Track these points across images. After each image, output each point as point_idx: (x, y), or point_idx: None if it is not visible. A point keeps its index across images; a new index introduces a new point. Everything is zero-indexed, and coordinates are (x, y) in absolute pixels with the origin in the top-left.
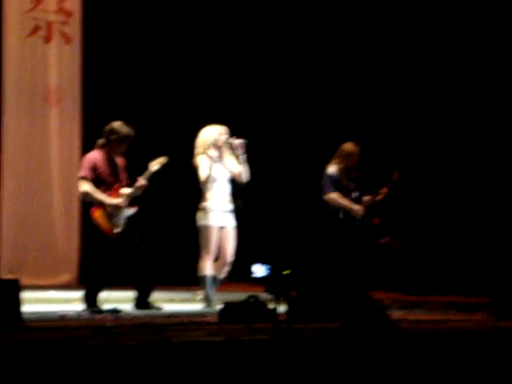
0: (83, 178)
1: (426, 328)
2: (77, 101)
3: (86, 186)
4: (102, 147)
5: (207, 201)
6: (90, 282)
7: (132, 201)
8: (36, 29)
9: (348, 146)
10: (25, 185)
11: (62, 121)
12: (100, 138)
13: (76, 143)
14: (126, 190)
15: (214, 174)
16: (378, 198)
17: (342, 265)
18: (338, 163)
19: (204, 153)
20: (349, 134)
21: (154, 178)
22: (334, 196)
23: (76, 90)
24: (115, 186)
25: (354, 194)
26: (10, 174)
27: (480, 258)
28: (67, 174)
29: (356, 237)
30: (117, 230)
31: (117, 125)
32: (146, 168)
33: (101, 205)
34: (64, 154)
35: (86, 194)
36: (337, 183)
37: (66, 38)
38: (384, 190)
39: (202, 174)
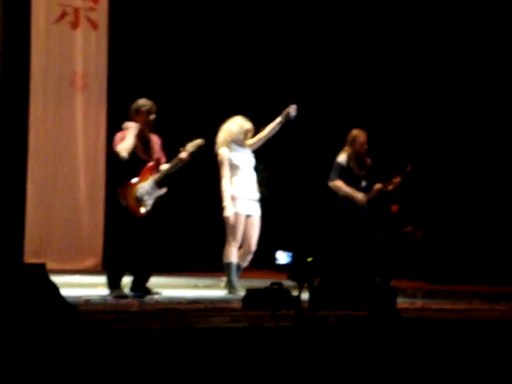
0: (116, 153)
1: (450, 317)
2: (103, 87)
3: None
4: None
5: (235, 189)
6: (113, 264)
7: (162, 182)
8: (63, 15)
9: (354, 131)
10: (51, 170)
11: (89, 107)
12: (126, 121)
13: (102, 129)
14: (165, 166)
15: (237, 163)
16: (390, 187)
17: (364, 253)
18: (348, 150)
19: (226, 145)
20: (367, 124)
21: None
22: (337, 183)
23: (102, 76)
24: (149, 164)
25: (364, 183)
26: (36, 159)
27: (504, 248)
28: (93, 159)
29: (377, 225)
30: (143, 211)
31: (140, 100)
32: (176, 152)
33: (129, 184)
34: (90, 139)
35: (117, 171)
36: (346, 170)
37: (93, 24)
38: (396, 180)
39: (223, 177)
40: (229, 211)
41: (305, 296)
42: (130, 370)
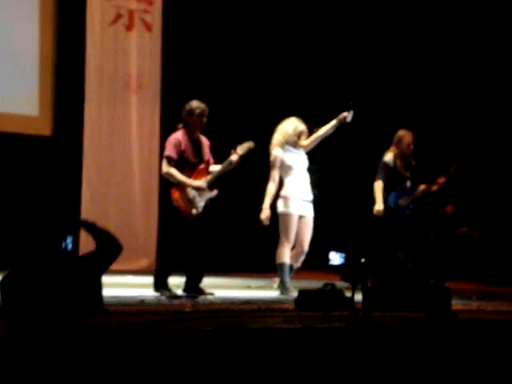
0: (168, 157)
1: (506, 319)
2: (157, 88)
3: (169, 167)
4: (183, 127)
5: (289, 189)
6: (161, 263)
7: (213, 185)
8: (118, 17)
9: (400, 132)
10: (105, 171)
11: (143, 108)
12: (179, 123)
13: (156, 131)
14: (215, 167)
15: (291, 163)
16: (434, 187)
17: (417, 254)
18: (394, 150)
19: (280, 146)
20: (411, 124)
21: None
22: (376, 185)
23: (156, 78)
24: (200, 166)
25: (408, 183)
26: (91, 160)
27: None
28: (147, 161)
29: (430, 226)
30: (195, 212)
31: (193, 102)
32: (227, 155)
33: (182, 186)
34: (144, 141)
35: (168, 174)
36: (393, 171)
37: (147, 26)
38: (441, 180)
39: (271, 178)
40: (264, 214)
41: (358, 297)
42: (183, 370)
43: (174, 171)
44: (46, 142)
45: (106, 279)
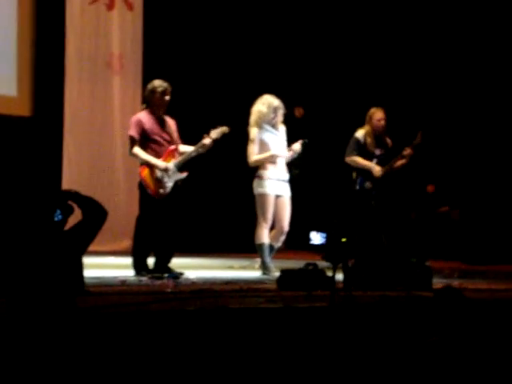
0: (130, 137)
1: (486, 297)
2: (139, 68)
3: (133, 147)
4: (147, 107)
5: (264, 169)
6: (136, 244)
7: (184, 166)
8: None
9: (371, 109)
10: (87, 152)
11: (125, 87)
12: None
13: (137, 111)
14: (187, 148)
15: (267, 143)
16: (400, 162)
17: (393, 232)
18: (366, 128)
19: (258, 126)
20: (391, 104)
21: (214, 145)
22: (353, 158)
23: (138, 57)
24: (170, 147)
25: (375, 161)
26: (72, 140)
27: None
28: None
29: (413, 205)
30: (162, 192)
31: (155, 81)
32: (202, 134)
33: (148, 165)
34: (126, 120)
35: (133, 154)
36: (362, 146)
37: (129, 5)
38: (407, 152)
39: (250, 153)
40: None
41: (340, 276)
42: (166, 350)
43: (138, 150)
44: (25, 123)
45: (87, 260)
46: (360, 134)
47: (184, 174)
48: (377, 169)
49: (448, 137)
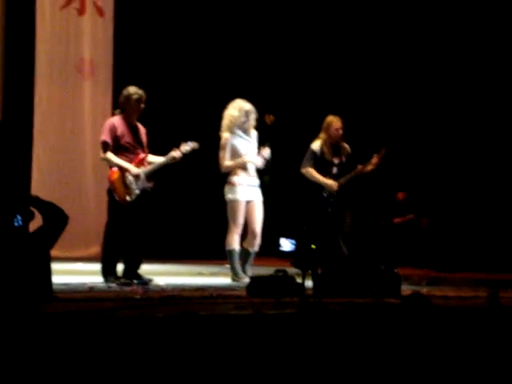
0: (103, 142)
1: (454, 304)
2: (109, 73)
3: (105, 152)
4: (121, 113)
5: (235, 175)
6: (104, 249)
7: (151, 176)
8: (69, 1)
9: (328, 118)
10: (57, 157)
11: (95, 93)
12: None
13: (108, 116)
14: (156, 158)
15: (238, 148)
16: (368, 168)
17: (354, 240)
18: (322, 136)
19: (229, 130)
20: (346, 111)
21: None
22: (309, 170)
23: (109, 63)
24: (140, 155)
25: (335, 170)
26: (41, 145)
27: (509, 235)
28: (99, 146)
29: (382, 212)
30: (129, 199)
31: (131, 88)
32: (171, 143)
33: (121, 169)
34: (96, 125)
35: (105, 159)
36: (319, 157)
37: (99, 11)
38: (374, 160)
39: (221, 159)
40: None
41: (309, 283)
42: (135, 357)
43: (110, 155)
44: None
45: (55, 266)
46: (316, 145)
47: (151, 184)
48: (329, 183)
49: (418, 144)
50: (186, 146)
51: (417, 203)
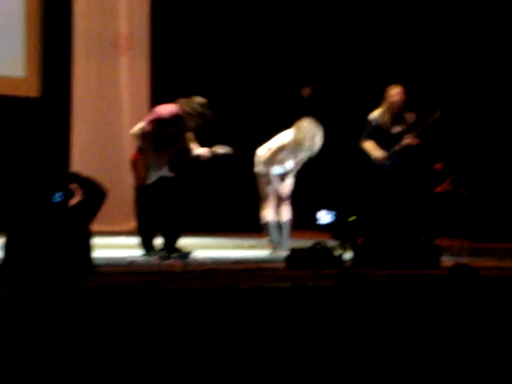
0: (142, 129)
1: (495, 275)
2: (146, 48)
3: (139, 132)
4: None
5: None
6: (139, 225)
7: (172, 167)
8: None
9: (389, 87)
10: (95, 132)
11: (132, 68)
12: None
13: (145, 91)
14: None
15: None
16: (414, 140)
17: (407, 212)
18: (383, 106)
19: None
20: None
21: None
22: (362, 143)
23: (145, 38)
24: (169, 150)
25: (395, 138)
26: (80, 121)
27: None
28: (136, 121)
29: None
30: (146, 182)
31: (200, 102)
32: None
33: (146, 151)
34: (134, 100)
35: (137, 136)
36: (376, 128)
37: None
38: (420, 128)
39: None
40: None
41: (348, 255)
42: (174, 330)
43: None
44: (33, 104)
45: (96, 241)
46: (373, 115)
47: (170, 174)
48: (378, 156)
49: (457, 114)
50: (220, 149)
51: (456, 173)
